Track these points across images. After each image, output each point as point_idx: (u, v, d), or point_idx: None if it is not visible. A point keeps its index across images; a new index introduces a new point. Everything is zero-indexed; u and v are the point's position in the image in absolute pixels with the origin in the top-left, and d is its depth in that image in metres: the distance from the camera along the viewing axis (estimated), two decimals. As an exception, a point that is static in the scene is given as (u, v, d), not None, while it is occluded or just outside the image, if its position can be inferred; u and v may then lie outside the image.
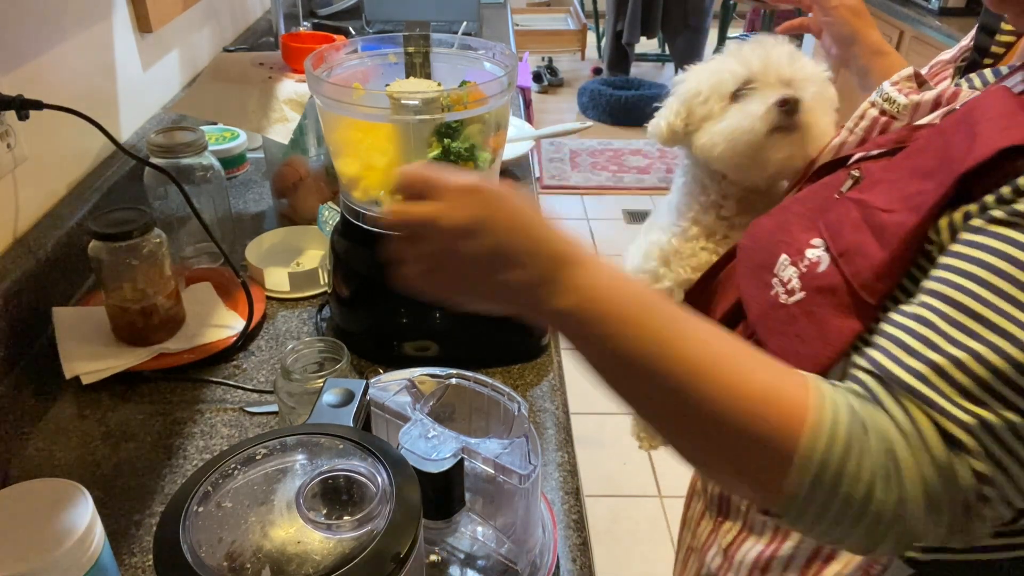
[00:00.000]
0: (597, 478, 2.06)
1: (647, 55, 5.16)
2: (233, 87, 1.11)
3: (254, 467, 0.42)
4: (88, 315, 0.94)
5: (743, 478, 0.49)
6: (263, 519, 0.38)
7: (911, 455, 0.44)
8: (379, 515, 0.38)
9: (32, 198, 1.00)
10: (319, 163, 1.19)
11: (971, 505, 0.44)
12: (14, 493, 0.57)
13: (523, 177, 1.40)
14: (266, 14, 2.09)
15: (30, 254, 0.94)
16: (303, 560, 0.36)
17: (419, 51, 0.93)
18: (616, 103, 4.24)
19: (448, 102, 0.78)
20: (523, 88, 2.14)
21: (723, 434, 0.47)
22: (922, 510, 0.44)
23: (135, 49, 1.31)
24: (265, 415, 0.84)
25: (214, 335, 0.93)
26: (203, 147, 1.05)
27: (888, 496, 0.44)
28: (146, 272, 0.87)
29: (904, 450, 0.44)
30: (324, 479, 0.41)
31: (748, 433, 0.46)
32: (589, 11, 5.40)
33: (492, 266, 0.50)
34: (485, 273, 0.50)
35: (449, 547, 0.62)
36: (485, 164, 0.84)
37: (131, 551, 0.68)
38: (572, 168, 3.78)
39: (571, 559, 0.69)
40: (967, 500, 0.44)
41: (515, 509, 0.60)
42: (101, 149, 1.17)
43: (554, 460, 0.78)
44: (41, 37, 1.02)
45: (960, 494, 0.44)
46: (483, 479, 0.60)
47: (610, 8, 4.48)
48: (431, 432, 0.58)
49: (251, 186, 1.35)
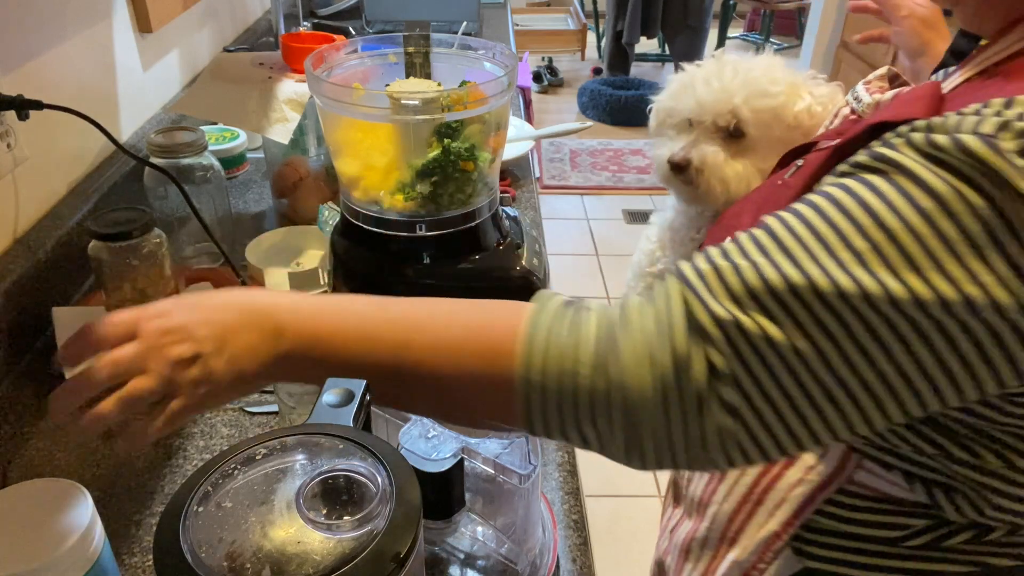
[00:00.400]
0: (597, 478, 2.06)
1: (647, 55, 5.17)
2: (233, 87, 1.11)
3: (254, 467, 0.42)
4: (88, 315, 0.94)
5: (495, 418, 0.51)
6: (263, 519, 0.38)
7: (643, 339, 0.45)
8: (379, 515, 0.38)
9: (32, 198, 1.00)
10: (319, 163, 1.19)
11: (704, 400, 0.44)
12: (14, 493, 0.57)
13: (523, 177, 1.40)
14: (266, 14, 2.09)
15: (30, 254, 0.94)
16: (303, 560, 0.36)
17: (419, 51, 0.93)
18: (616, 103, 4.24)
19: (448, 102, 0.78)
20: (523, 88, 2.14)
21: (451, 388, 0.49)
22: (653, 400, 0.45)
23: (135, 49, 1.31)
24: (265, 415, 0.84)
25: (214, 335, 0.93)
26: (203, 147, 1.05)
27: (601, 382, 0.46)
28: (146, 272, 0.87)
29: (631, 334, 0.46)
30: (324, 479, 0.41)
31: (468, 377, 0.49)
32: (589, 11, 5.41)
33: (218, 351, 0.50)
34: (218, 356, 0.50)
35: (449, 547, 0.62)
36: (485, 164, 0.84)
37: (131, 551, 0.68)
38: (572, 168, 3.78)
39: (571, 559, 0.69)
40: (700, 394, 0.44)
41: (515, 509, 0.60)
42: (101, 149, 1.17)
43: (554, 460, 0.78)
44: (41, 37, 1.02)
45: (692, 385, 0.44)
46: (483, 479, 0.60)
47: (610, 8, 4.48)
48: (431, 432, 0.58)
49: (251, 186, 1.35)
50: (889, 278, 0.41)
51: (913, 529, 0.59)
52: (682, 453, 0.46)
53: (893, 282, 0.41)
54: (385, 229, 0.84)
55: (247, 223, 1.22)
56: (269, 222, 1.23)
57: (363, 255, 0.87)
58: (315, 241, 1.14)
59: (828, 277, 0.42)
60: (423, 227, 0.83)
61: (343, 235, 0.90)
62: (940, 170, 0.41)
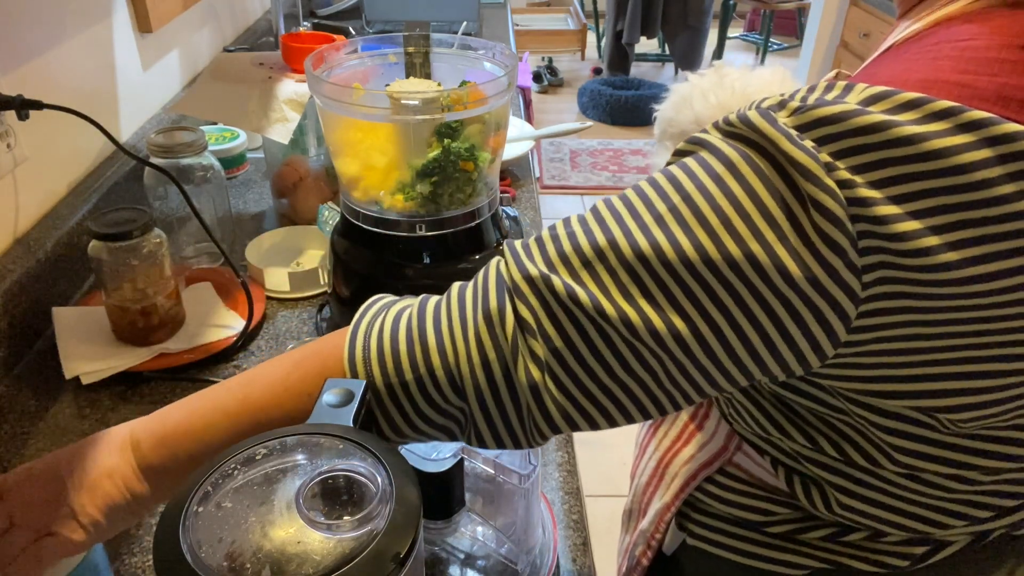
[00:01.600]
0: (597, 478, 2.06)
1: (647, 55, 5.17)
2: (233, 87, 1.11)
3: (254, 467, 0.41)
4: (88, 315, 0.94)
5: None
6: (263, 519, 0.38)
7: (460, 305, 0.48)
8: (379, 515, 0.38)
9: (32, 198, 1.00)
10: (319, 163, 1.19)
11: (516, 353, 0.46)
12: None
13: (523, 177, 1.40)
14: (266, 14, 2.09)
15: (30, 254, 0.94)
16: (303, 560, 0.36)
17: (419, 51, 0.93)
18: (616, 103, 4.24)
19: (448, 102, 0.78)
20: (523, 88, 2.14)
21: (296, 419, 0.50)
22: (473, 360, 0.47)
23: (135, 49, 1.31)
24: (265, 415, 0.84)
25: (214, 335, 0.93)
26: (203, 147, 1.05)
27: (423, 361, 0.48)
28: (146, 272, 0.87)
29: (450, 304, 0.49)
30: (324, 479, 0.41)
31: (308, 399, 0.49)
32: (589, 11, 5.41)
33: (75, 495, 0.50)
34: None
35: (449, 547, 0.62)
36: (485, 164, 0.84)
37: (131, 551, 0.68)
38: (572, 168, 3.78)
39: (571, 559, 0.69)
40: (514, 347, 0.46)
41: (515, 509, 0.60)
42: (101, 149, 1.17)
43: (554, 460, 0.78)
44: (41, 37, 1.02)
45: (504, 337, 0.46)
46: (483, 479, 0.60)
47: (610, 8, 4.48)
48: (431, 432, 0.58)
49: (251, 186, 1.35)
50: (683, 237, 0.42)
51: (777, 517, 0.61)
52: (513, 418, 0.48)
53: (685, 240, 0.42)
54: (385, 229, 0.84)
55: (247, 223, 1.23)
56: (269, 222, 1.23)
57: (363, 255, 0.87)
58: (315, 241, 1.14)
59: (628, 237, 0.44)
60: (423, 227, 0.83)
61: (343, 235, 0.90)
62: (732, 140, 0.44)
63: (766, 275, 0.41)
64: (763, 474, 0.62)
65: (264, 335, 0.97)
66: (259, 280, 1.04)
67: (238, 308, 0.99)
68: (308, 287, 1.04)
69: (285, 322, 0.99)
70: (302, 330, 0.98)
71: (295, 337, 0.96)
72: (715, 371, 0.44)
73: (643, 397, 0.46)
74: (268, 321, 0.99)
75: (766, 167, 0.42)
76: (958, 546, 0.57)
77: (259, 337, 0.96)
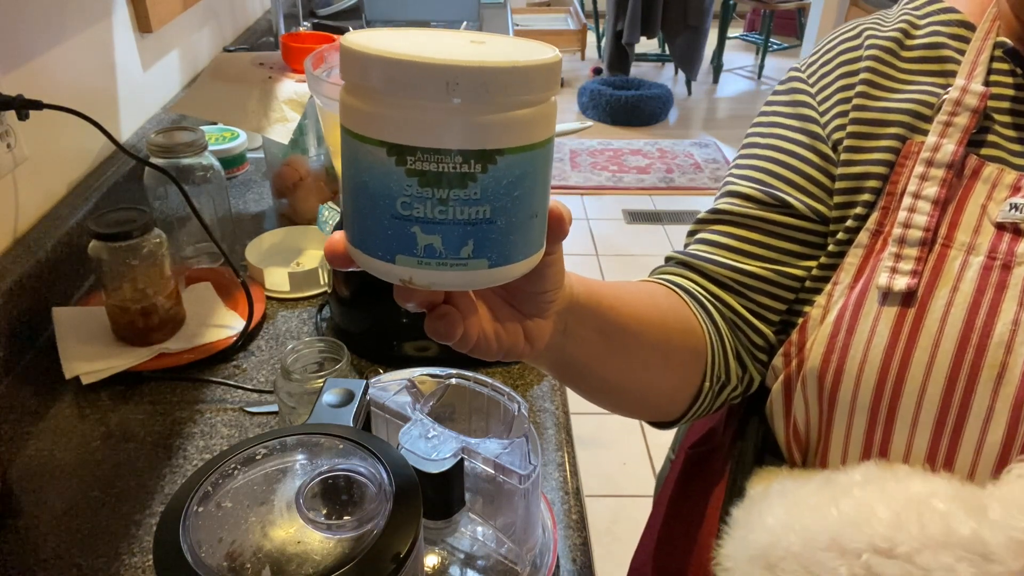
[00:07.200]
0: (597, 478, 2.06)
1: (647, 55, 5.17)
2: (233, 87, 1.11)
3: (254, 467, 0.42)
4: (88, 315, 0.94)
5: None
6: (263, 519, 0.38)
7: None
8: (379, 515, 0.38)
9: (32, 198, 1.00)
10: (319, 163, 1.19)
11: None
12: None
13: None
14: (266, 14, 2.09)
15: (30, 254, 0.94)
16: (303, 560, 0.36)
17: (419, 51, 0.93)
18: (616, 103, 4.24)
19: (448, 102, 0.78)
20: (523, 88, 2.13)
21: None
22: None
23: (135, 49, 1.31)
24: (265, 415, 0.84)
25: (214, 335, 0.93)
26: (203, 147, 1.05)
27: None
28: (146, 272, 0.87)
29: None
30: (324, 479, 0.41)
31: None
32: (589, 11, 5.41)
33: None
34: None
35: (449, 547, 0.62)
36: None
37: (131, 551, 0.68)
38: (572, 168, 3.78)
39: (571, 559, 0.69)
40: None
41: (515, 509, 0.60)
42: (101, 149, 1.17)
43: (554, 460, 0.78)
44: (41, 37, 1.02)
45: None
46: (483, 479, 0.60)
47: (610, 8, 4.48)
48: (431, 432, 0.58)
49: (251, 186, 1.35)
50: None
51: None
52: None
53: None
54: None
55: (247, 223, 1.23)
56: (269, 222, 1.23)
57: (363, 255, 0.87)
58: (315, 241, 1.14)
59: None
60: (423, 227, 0.83)
61: (343, 235, 0.89)
62: None
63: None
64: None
65: (264, 335, 0.97)
66: (259, 280, 1.04)
67: (238, 308, 0.99)
68: (308, 287, 1.04)
69: (285, 322, 0.99)
70: (302, 330, 0.98)
71: (295, 337, 0.96)
72: None
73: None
74: (268, 321, 0.99)
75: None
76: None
77: (259, 337, 0.96)
